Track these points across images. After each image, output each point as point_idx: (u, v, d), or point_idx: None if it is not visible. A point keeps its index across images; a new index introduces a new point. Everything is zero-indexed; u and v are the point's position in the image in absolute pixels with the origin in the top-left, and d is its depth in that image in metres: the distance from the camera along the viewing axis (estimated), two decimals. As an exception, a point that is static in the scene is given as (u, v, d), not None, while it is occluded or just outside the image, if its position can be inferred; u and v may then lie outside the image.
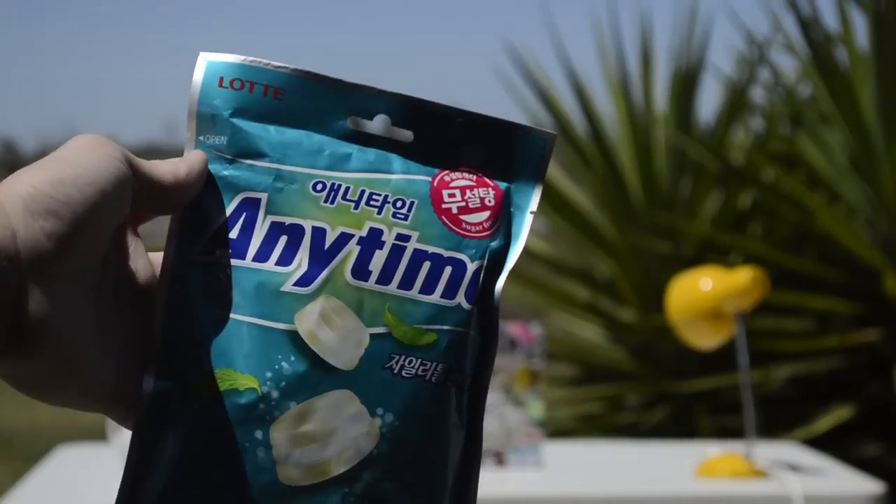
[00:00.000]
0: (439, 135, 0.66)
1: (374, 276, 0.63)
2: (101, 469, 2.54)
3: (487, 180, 0.67)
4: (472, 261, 0.64)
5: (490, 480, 2.39)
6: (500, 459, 2.51)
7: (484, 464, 2.45)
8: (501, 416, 2.58)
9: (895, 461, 4.11)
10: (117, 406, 0.61)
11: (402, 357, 0.62)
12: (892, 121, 4.05)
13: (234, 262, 0.62)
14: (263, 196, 0.63)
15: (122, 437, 2.39)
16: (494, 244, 0.65)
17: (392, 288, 0.63)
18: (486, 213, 0.66)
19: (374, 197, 0.64)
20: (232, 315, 0.62)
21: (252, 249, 0.63)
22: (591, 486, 2.42)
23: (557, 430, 4.36)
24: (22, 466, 7.20)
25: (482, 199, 0.66)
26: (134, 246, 0.63)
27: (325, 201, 0.63)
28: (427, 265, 0.64)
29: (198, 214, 0.63)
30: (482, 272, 0.65)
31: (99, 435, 8.95)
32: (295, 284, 0.62)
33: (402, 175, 0.65)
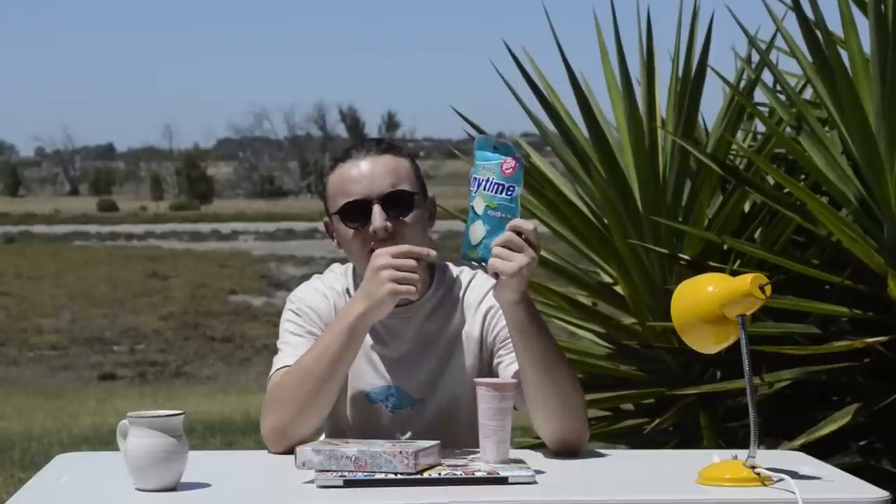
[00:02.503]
0: None
1: None
2: (101, 477, 2.52)
3: None
4: None
5: (488, 489, 2.37)
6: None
7: (482, 473, 2.43)
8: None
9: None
10: None
11: None
12: (894, 123, 4.03)
13: None
14: None
15: (125, 446, 2.37)
16: None
17: None
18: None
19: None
20: None
21: None
22: (591, 494, 2.39)
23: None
24: (18, 474, 7.19)
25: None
26: None
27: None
28: None
29: None
30: None
31: (93, 443, 8.85)
32: None
33: None
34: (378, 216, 2.74)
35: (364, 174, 2.76)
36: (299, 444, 2.50)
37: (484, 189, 2.56)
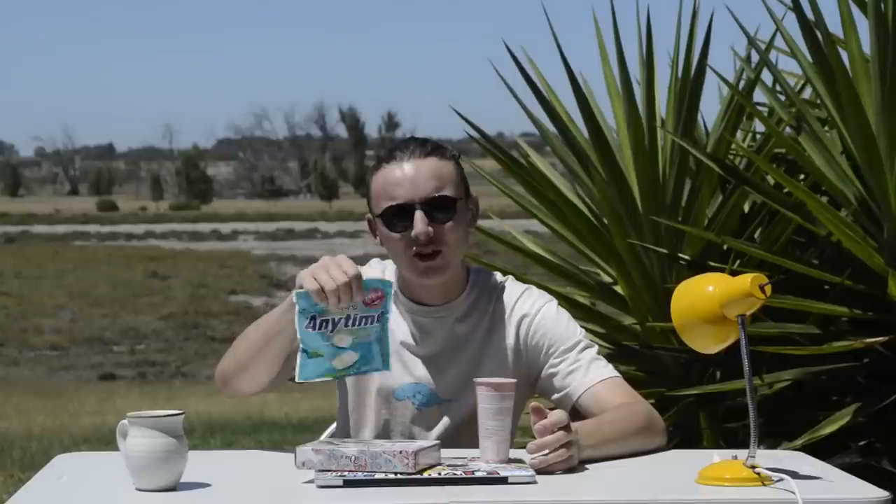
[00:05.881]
0: None
1: None
2: (101, 477, 2.52)
3: None
4: None
5: (488, 489, 2.37)
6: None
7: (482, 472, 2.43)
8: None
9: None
10: None
11: None
12: (894, 123, 4.03)
13: None
14: None
15: (125, 446, 2.37)
16: None
17: None
18: None
19: None
20: None
21: None
22: (591, 494, 2.39)
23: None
24: (18, 474, 7.19)
25: None
26: None
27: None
28: None
29: None
30: None
31: (93, 443, 8.88)
32: None
33: None
34: (420, 221, 2.74)
35: (407, 177, 2.76)
36: (240, 396, 2.82)
37: (346, 325, 2.52)
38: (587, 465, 2.58)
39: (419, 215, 2.74)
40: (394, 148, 2.83)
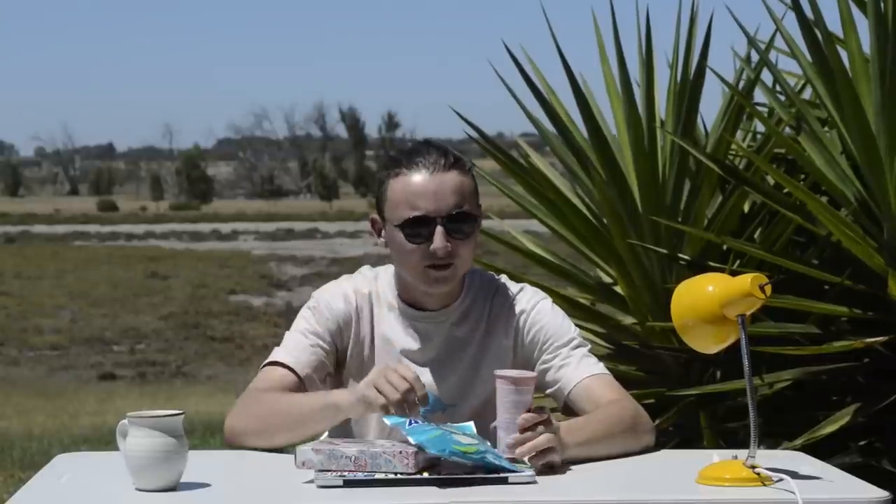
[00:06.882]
0: None
1: None
2: (101, 477, 2.52)
3: None
4: None
5: (488, 489, 2.37)
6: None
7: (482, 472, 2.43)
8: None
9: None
10: None
11: None
12: (894, 123, 4.03)
13: None
14: None
15: (125, 446, 2.37)
16: None
17: None
18: None
19: None
20: None
21: None
22: (591, 494, 2.39)
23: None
24: (18, 474, 7.19)
25: None
26: None
27: None
28: None
29: None
30: None
31: (93, 443, 8.86)
32: None
33: None
34: (440, 237, 2.73)
35: (430, 190, 2.73)
36: (248, 448, 2.69)
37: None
38: (587, 465, 2.59)
39: (440, 230, 2.73)
40: (413, 153, 2.79)
